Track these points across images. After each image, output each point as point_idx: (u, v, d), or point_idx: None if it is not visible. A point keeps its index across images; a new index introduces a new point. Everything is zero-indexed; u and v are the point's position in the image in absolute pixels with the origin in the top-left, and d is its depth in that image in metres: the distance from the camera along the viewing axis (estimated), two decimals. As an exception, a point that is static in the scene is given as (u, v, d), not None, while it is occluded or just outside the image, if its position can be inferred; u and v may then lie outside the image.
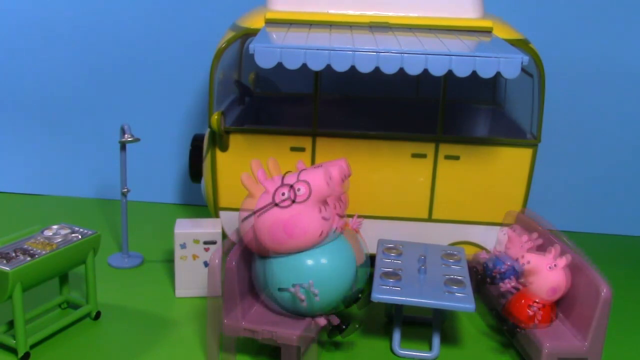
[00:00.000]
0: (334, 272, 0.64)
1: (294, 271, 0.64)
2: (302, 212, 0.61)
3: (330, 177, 0.62)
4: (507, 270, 0.79)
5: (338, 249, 0.66)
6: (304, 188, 0.61)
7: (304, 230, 0.61)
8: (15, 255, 0.68)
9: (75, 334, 0.75)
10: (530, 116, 0.87)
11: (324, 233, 0.62)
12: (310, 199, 0.61)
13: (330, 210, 0.63)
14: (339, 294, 0.66)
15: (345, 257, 0.66)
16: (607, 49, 1.04)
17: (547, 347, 0.67)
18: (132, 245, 0.94)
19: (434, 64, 0.69)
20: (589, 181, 1.10)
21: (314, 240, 0.62)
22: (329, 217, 0.62)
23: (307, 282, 0.63)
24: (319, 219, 0.61)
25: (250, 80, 1.05)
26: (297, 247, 0.63)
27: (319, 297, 0.62)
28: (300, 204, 0.62)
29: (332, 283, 0.64)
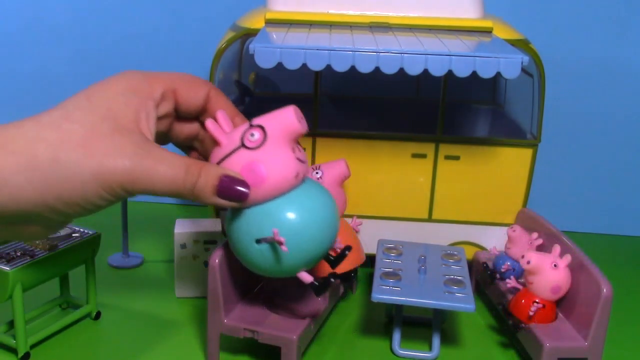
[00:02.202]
0: (315, 218, 0.55)
1: (269, 218, 0.55)
2: (272, 153, 0.54)
3: (301, 115, 0.57)
4: (507, 270, 0.80)
5: (316, 193, 0.57)
6: (257, 132, 0.55)
7: (276, 174, 0.54)
8: (15, 255, 0.68)
9: (75, 334, 0.75)
10: (530, 116, 0.87)
11: (300, 176, 0.55)
12: (274, 139, 0.55)
13: (304, 153, 0.57)
14: (322, 244, 0.57)
15: (324, 202, 0.57)
16: (607, 49, 1.04)
17: (547, 347, 0.67)
18: (132, 245, 0.94)
19: (434, 64, 0.69)
20: (589, 181, 1.10)
21: (290, 182, 0.54)
22: (305, 159, 0.56)
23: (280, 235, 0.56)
24: (293, 159, 0.55)
25: (250, 81, 1.05)
26: (272, 191, 0.54)
27: (285, 247, 0.55)
28: (269, 145, 0.55)
29: (313, 230, 0.56)
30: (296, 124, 0.56)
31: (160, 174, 0.50)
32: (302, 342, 0.68)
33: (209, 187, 0.52)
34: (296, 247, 0.56)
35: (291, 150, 0.56)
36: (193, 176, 0.51)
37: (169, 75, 0.58)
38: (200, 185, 0.51)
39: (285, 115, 0.56)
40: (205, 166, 0.52)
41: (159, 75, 0.57)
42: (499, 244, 0.84)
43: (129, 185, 0.50)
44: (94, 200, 0.50)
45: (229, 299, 0.70)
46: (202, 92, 0.60)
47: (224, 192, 0.52)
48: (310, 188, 0.58)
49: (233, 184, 0.52)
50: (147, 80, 0.56)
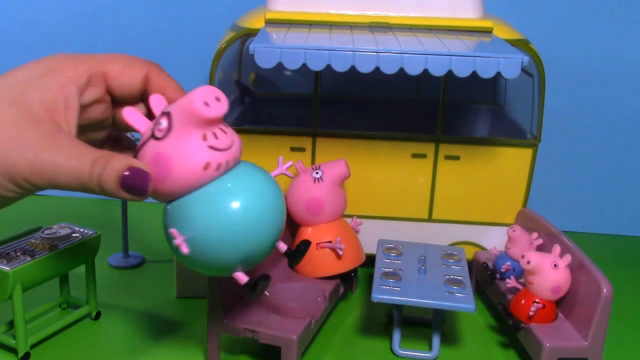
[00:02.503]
0: (243, 211, 0.48)
1: (177, 216, 0.49)
2: (172, 146, 0.47)
3: (214, 96, 0.48)
4: (507, 270, 0.80)
5: (241, 187, 0.49)
6: (164, 120, 0.48)
7: (180, 166, 0.47)
8: (15, 255, 0.68)
9: (75, 334, 0.75)
10: (530, 116, 0.87)
11: (212, 165, 0.47)
12: (179, 127, 0.47)
13: (225, 140, 0.48)
14: (245, 243, 0.49)
15: (248, 197, 0.49)
16: (607, 48, 1.04)
17: (547, 347, 0.67)
18: (132, 245, 0.94)
19: (434, 64, 0.69)
20: (589, 181, 1.10)
21: (198, 175, 0.47)
22: (224, 147, 0.48)
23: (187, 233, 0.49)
24: (202, 148, 0.47)
25: (250, 81, 1.05)
26: (179, 186, 0.48)
27: (186, 247, 0.48)
28: (174, 134, 0.48)
29: (226, 230, 0.48)
30: (198, 107, 0.47)
31: (64, 167, 0.46)
32: (302, 342, 0.68)
33: (113, 179, 0.47)
34: (205, 247, 0.49)
35: (200, 137, 0.47)
36: (99, 168, 0.47)
37: (99, 57, 0.53)
38: (104, 177, 0.47)
39: (189, 98, 0.47)
40: (113, 157, 0.47)
41: (86, 57, 0.52)
42: (499, 244, 0.84)
43: (34, 179, 0.46)
44: (1, 191, 0.47)
45: (229, 298, 0.70)
46: (139, 74, 0.53)
47: (127, 184, 0.47)
48: (235, 180, 0.49)
49: (135, 176, 0.47)
50: (71, 63, 0.51)
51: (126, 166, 0.47)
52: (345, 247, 0.78)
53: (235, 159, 0.50)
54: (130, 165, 0.47)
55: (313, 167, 0.81)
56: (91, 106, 0.53)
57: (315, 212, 0.79)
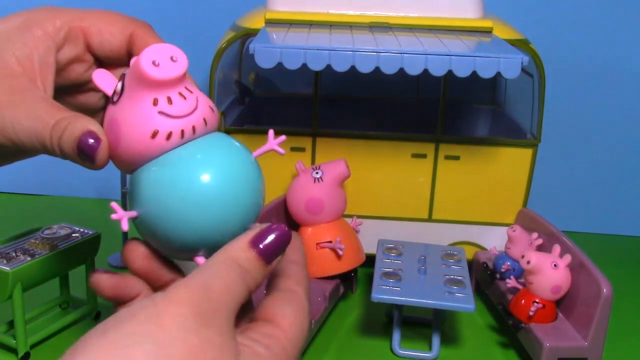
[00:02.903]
0: (196, 187, 0.40)
1: (131, 187, 0.44)
2: (123, 111, 0.42)
3: (155, 59, 0.42)
4: (507, 270, 0.80)
5: (208, 154, 0.42)
6: (120, 82, 0.43)
7: (127, 133, 0.42)
8: (15, 255, 0.68)
9: (75, 334, 0.75)
10: (531, 116, 0.87)
11: (162, 134, 0.41)
12: (130, 89, 0.42)
13: (182, 106, 0.42)
14: (218, 223, 0.41)
15: (224, 167, 0.42)
16: (607, 49, 1.04)
17: (547, 347, 0.67)
18: (132, 245, 0.94)
19: (434, 64, 0.69)
20: (589, 181, 1.10)
21: (147, 144, 0.41)
22: (179, 114, 0.41)
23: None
24: (150, 113, 0.41)
25: (250, 81, 1.05)
26: (130, 155, 0.43)
27: (126, 224, 0.43)
28: (125, 97, 0.43)
29: (196, 205, 0.41)
30: (144, 67, 0.41)
31: (25, 126, 0.43)
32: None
33: (71, 143, 0.43)
34: (153, 226, 0.42)
35: (150, 102, 0.41)
36: (59, 130, 0.43)
37: (80, 12, 0.48)
38: (63, 139, 0.43)
39: (137, 57, 0.41)
40: (76, 119, 0.43)
41: (66, 10, 0.48)
42: (499, 244, 0.84)
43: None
44: None
45: (229, 299, 0.70)
46: (122, 33, 0.48)
47: (82, 147, 0.43)
48: (194, 151, 0.42)
49: (87, 139, 0.42)
50: (50, 16, 0.47)
51: (84, 129, 0.42)
52: (345, 247, 0.78)
53: (199, 127, 0.42)
54: (87, 129, 0.42)
55: (313, 167, 0.81)
56: (70, 65, 0.49)
57: (315, 212, 0.79)
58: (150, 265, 0.44)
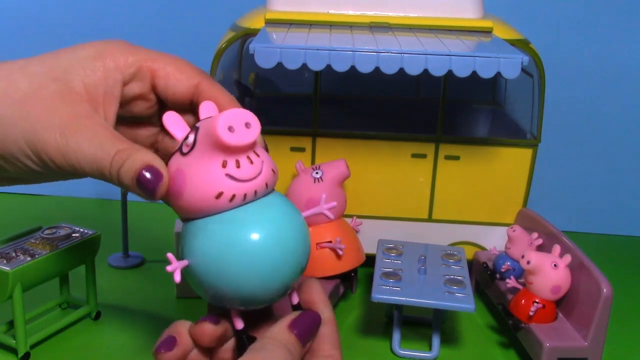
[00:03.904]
0: (246, 248, 0.43)
1: (188, 238, 0.46)
2: (191, 166, 0.44)
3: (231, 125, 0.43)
4: (507, 270, 0.80)
5: (262, 215, 0.45)
6: (192, 135, 0.45)
7: (193, 189, 0.44)
8: (15, 255, 0.68)
9: (75, 334, 0.75)
10: (530, 116, 0.87)
11: (226, 196, 0.43)
12: (202, 146, 0.44)
13: (248, 171, 0.44)
14: (262, 282, 0.44)
15: (279, 225, 0.45)
16: (607, 49, 1.04)
17: (547, 347, 0.67)
18: (132, 245, 0.94)
19: (434, 64, 0.69)
20: (589, 181, 1.10)
21: (210, 202, 0.44)
22: (245, 178, 0.44)
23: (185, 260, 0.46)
24: (218, 175, 0.43)
25: (250, 81, 1.05)
26: (191, 208, 0.45)
27: (179, 275, 0.45)
28: (196, 152, 0.44)
29: (244, 264, 0.43)
30: (220, 132, 0.42)
31: (88, 153, 0.45)
32: (302, 342, 0.68)
33: (130, 174, 0.45)
34: (201, 278, 0.45)
35: (219, 163, 0.43)
36: (120, 161, 0.45)
37: (152, 53, 0.50)
38: (123, 170, 0.45)
39: (214, 119, 0.43)
40: (137, 152, 0.45)
41: (140, 50, 0.50)
42: (499, 244, 0.84)
43: (57, 160, 0.45)
44: (26, 162, 0.46)
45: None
46: (188, 81, 0.50)
47: (141, 181, 0.44)
48: (252, 212, 0.44)
49: (150, 176, 0.44)
50: (123, 51, 0.49)
51: (145, 163, 0.44)
52: (345, 247, 0.78)
53: (261, 191, 0.45)
54: (149, 163, 0.44)
55: (313, 167, 0.81)
56: (135, 101, 0.51)
57: (315, 212, 0.79)
58: (216, 342, 0.49)
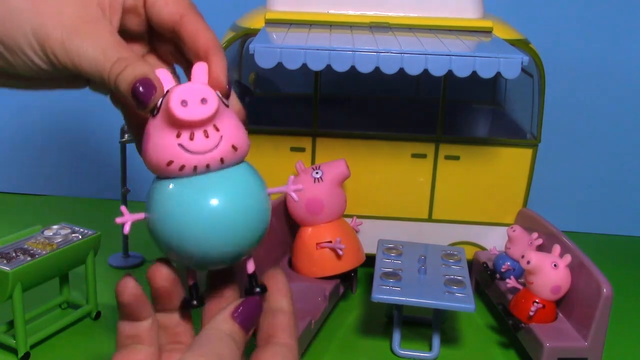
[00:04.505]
0: (198, 211, 0.45)
1: (150, 195, 0.49)
2: (154, 129, 0.46)
3: (185, 99, 0.44)
4: (507, 270, 0.80)
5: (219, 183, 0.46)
6: (161, 99, 0.47)
7: (151, 151, 0.46)
8: (15, 255, 0.68)
9: (75, 334, 0.75)
10: (530, 116, 0.87)
11: (176, 165, 0.45)
12: (163, 113, 0.45)
13: (202, 144, 0.45)
14: (212, 246, 0.46)
15: (236, 193, 0.46)
16: (607, 48, 1.04)
17: (547, 347, 0.67)
18: (132, 245, 0.94)
19: (434, 64, 0.69)
20: (589, 181, 1.10)
21: (163, 169, 0.46)
22: (197, 150, 0.45)
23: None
24: (171, 144, 0.45)
25: (250, 81, 1.05)
26: (151, 168, 0.47)
27: (128, 227, 0.48)
28: (160, 117, 0.46)
29: (204, 225, 0.45)
30: (172, 105, 0.44)
31: (90, 56, 0.47)
32: (302, 342, 0.68)
33: (127, 83, 0.46)
34: (155, 234, 0.49)
35: (174, 133, 0.45)
36: (119, 68, 0.46)
37: None
38: (120, 78, 0.46)
39: (170, 92, 0.45)
40: (136, 62, 0.47)
41: None
42: (499, 244, 0.84)
43: (61, 57, 0.47)
44: (31, 55, 0.48)
45: (229, 299, 0.70)
46: (175, 8, 0.51)
47: (135, 91, 0.46)
48: (209, 179, 0.46)
49: (144, 87, 0.46)
50: None
51: (142, 74, 0.46)
52: (345, 247, 0.78)
53: (214, 165, 0.46)
54: (146, 75, 0.46)
55: (313, 167, 0.81)
56: (128, 14, 0.52)
57: (315, 212, 0.79)
58: (169, 287, 0.50)
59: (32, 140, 1.15)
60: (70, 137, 1.15)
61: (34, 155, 1.16)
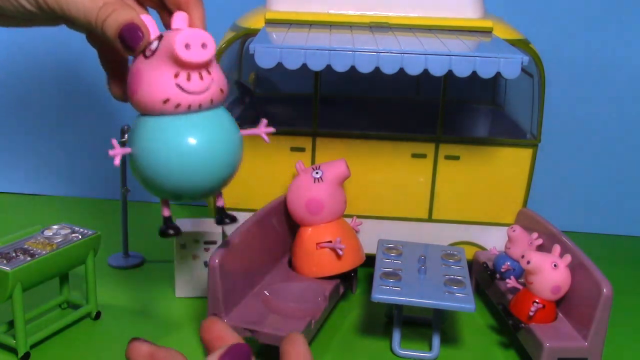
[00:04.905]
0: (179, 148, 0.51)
1: (137, 130, 0.53)
2: (148, 70, 0.50)
3: (189, 43, 0.49)
4: (507, 270, 0.80)
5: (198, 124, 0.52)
6: (156, 42, 0.51)
7: (145, 89, 0.50)
8: (15, 255, 0.68)
9: (75, 334, 0.75)
10: (530, 116, 0.87)
11: (172, 102, 0.50)
12: (161, 55, 0.50)
13: (197, 85, 0.50)
14: (188, 180, 0.52)
15: (212, 134, 0.52)
16: (607, 49, 1.04)
17: (547, 347, 0.67)
18: (132, 245, 0.94)
19: (434, 64, 0.69)
20: (589, 181, 1.10)
21: (158, 107, 0.50)
22: (193, 90, 0.50)
23: None
24: (169, 83, 0.50)
25: (250, 81, 1.05)
26: (142, 106, 0.51)
27: (118, 160, 0.52)
28: (156, 59, 0.51)
29: (182, 161, 0.51)
30: (177, 48, 0.49)
31: (79, 2, 0.51)
32: (302, 342, 0.68)
33: (114, 27, 0.50)
34: (140, 167, 0.53)
35: (172, 73, 0.50)
36: (105, 13, 0.50)
37: None
38: (107, 22, 0.50)
39: (174, 35, 0.49)
40: (122, 8, 0.51)
41: None
42: (499, 244, 0.84)
43: (50, 2, 0.50)
44: (22, 1, 0.51)
45: (229, 298, 0.70)
46: None
47: (123, 34, 0.50)
48: (192, 120, 0.51)
49: (131, 31, 0.50)
50: None
51: (128, 20, 0.50)
52: (345, 247, 0.78)
53: (205, 105, 0.51)
54: (131, 20, 0.50)
55: (313, 167, 0.81)
56: None
57: (315, 212, 0.79)
58: None
59: (32, 140, 1.15)
60: (70, 137, 1.15)
61: (34, 156, 1.16)
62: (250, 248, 0.76)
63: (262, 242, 0.79)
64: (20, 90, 1.13)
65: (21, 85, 1.13)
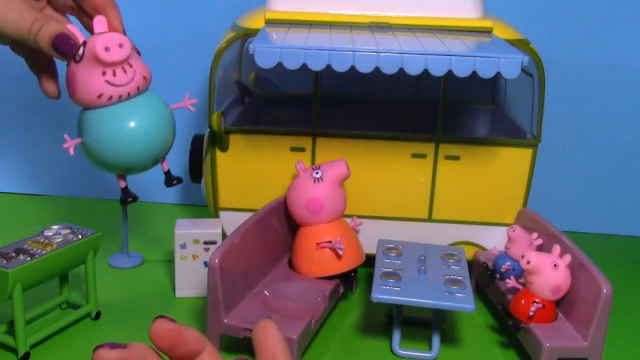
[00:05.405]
0: (120, 130, 0.67)
1: (82, 124, 0.69)
2: (80, 72, 0.64)
3: (107, 46, 0.63)
4: (507, 270, 0.80)
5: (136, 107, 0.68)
6: (82, 48, 0.64)
7: (81, 89, 0.65)
8: (15, 255, 0.68)
9: (75, 334, 0.75)
10: (530, 116, 0.87)
11: (106, 96, 0.65)
12: (88, 58, 0.64)
13: (123, 78, 0.65)
14: (134, 154, 0.68)
15: (145, 114, 0.68)
16: (607, 49, 1.04)
17: (547, 347, 0.67)
18: (132, 245, 0.94)
19: (434, 64, 0.69)
20: (589, 181, 1.10)
21: (94, 101, 0.65)
22: (120, 83, 0.65)
23: None
24: (100, 81, 0.64)
25: (250, 81, 1.05)
26: (82, 103, 0.67)
27: (73, 150, 0.69)
28: (84, 62, 0.64)
29: (120, 141, 0.67)
30: (99, 52, 0.62)
31: (11, 19, 0.61)
32: (302, 342, 0.68)
33: (46, 39, 0.61)
34: (92, 151, 0.69)
35: (100, 72, 0.64)
36: (37, 27, 0.60)
37: None
38: (40, 35, 0.60)
39: (95, 41, 0.63)
40: (50, 22, 0.61)
41: None
42: (499, 244, 0.84)
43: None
44: None
45: (229, 298, 0.70)
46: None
47: (56, 44, 0.61)
48: (124, 107, 0.66)
49: (63, 41, 0.61)
50: None
51: (58, 31, 0.61)
52: (345, 247, 0.78)
53: (133, 93, 0.66)
54: (61, 31, 0.61)
55: (313, 167, 0.81)
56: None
57: (315, 212, 0.79)
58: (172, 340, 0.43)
59: (33, 140, 1.15)
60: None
61: (34, 156, 1.16)
62: (250, 248, 0.76)
63: (262, 242, 0.79)
64: (20, 90, 1.13)
65: (21, 85, 1.13)
